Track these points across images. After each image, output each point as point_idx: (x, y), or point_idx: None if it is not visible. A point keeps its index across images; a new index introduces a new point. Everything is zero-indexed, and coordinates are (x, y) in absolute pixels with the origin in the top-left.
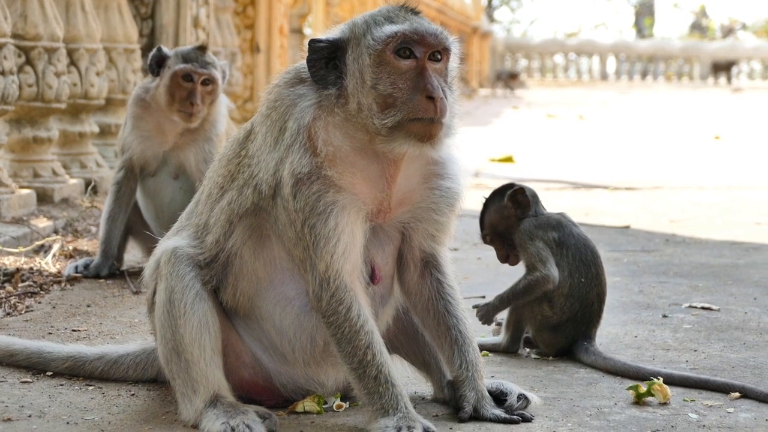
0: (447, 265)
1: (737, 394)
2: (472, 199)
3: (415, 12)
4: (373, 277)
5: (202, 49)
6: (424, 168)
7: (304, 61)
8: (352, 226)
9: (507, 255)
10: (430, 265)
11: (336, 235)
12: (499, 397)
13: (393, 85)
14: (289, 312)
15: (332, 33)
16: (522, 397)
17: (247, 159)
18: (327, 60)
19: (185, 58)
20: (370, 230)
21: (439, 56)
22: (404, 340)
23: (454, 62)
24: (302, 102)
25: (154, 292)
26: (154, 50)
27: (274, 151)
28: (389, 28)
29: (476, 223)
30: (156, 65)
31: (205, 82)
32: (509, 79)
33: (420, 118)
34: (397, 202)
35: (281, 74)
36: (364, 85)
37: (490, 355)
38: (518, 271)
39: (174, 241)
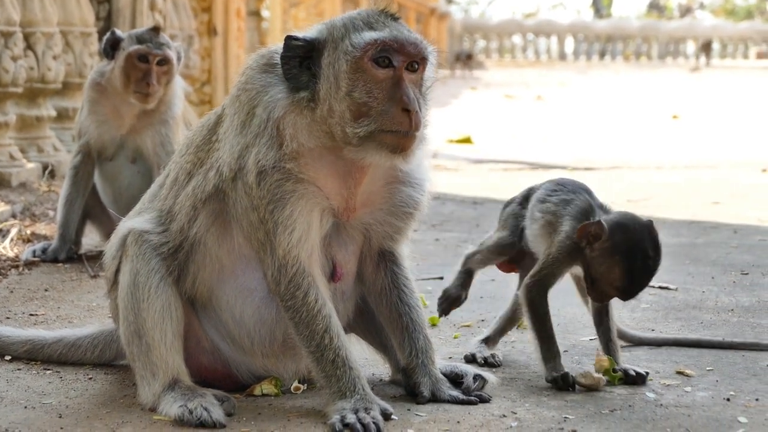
0: (403, 258)
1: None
2: (433, 181)
3: (394, 18)
4: (334, 275)
5: (155, 30)
6: (388, 172)
7: (278, 50)
8: (308, 215)
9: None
10: (387, 257)
11: (291, 223)
12: (455, 379)
13: (369, 93)
14: (249, 303)
15: (310, 31)
16: (478, 378)
17: (218, 143)
18: (302, 59)
19: (139, 39)
20: (333, 229)
21: (416, 66)
22: (361, 321)
23: (430, 72)
24: (273, 90)
25: (116, 271)
26: (108, 33)
27: (240, 135)
28: (369, 35)
29: (435, 205)
30: (110, 48)
31: (160, 63)
32: (466, 59)
33: (394, 130)
34: (361, 203)
35: (255, 56)
36: (339, 91)
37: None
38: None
39: (138, 222)
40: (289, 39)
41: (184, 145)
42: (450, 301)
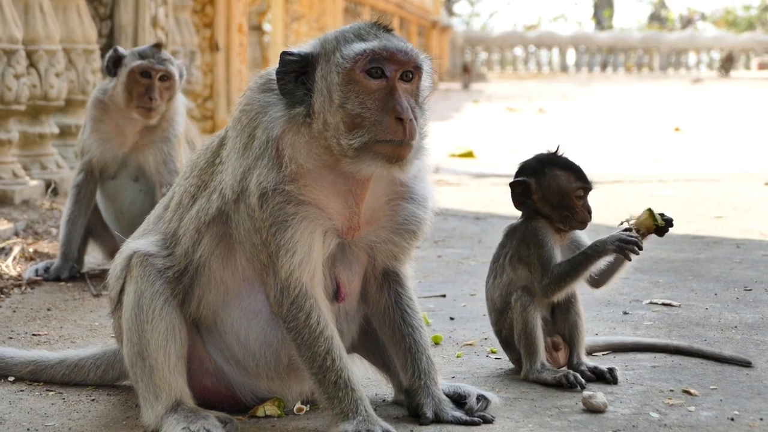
0: (407, 278)
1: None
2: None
3: (387, 29)
4: (338, 295)
5: (158, 46)
6: (390, 188)
7: (273, 68)
8: (309, 237)
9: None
10: (390, 278)
11: (293, 246)
12: (458, 399)
13: (362, 104)
14: (255, 326)
15: (304, 46)
16: (481, 398)
17: (221, 166)
18: (297, 74)
19: (142, 55)
20: (338, 249)
21: (410, 75)
22: (365, 341)
23: (426, 81)
24: (272, 111)
25: (120, 291)
26: (111, 51)
27: (242, 158)
28: (358, 46)
29: (437, 220)
30: (112, 65)
31: (162, 78)
32: (463, 71)
33: (388, 139)
34: (365, 221)
35: (255, 77)
36: (332, 104)
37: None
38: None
39: (143, 244)
40: (284, 54)
41: (189, 168)
42: None
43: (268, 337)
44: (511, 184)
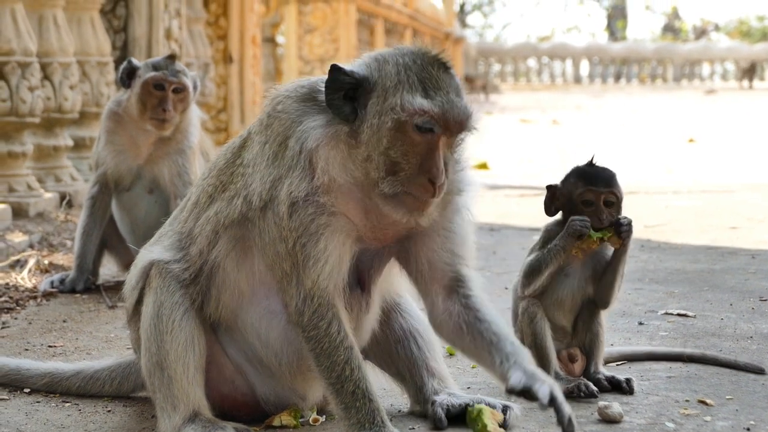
0: (474, 280)
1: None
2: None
3: (446, 68)
4: (361, 287)
5: (171, 58)
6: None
7: (321, 81)
8: (341, 248)
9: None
10: (455, 283)
11: (324, 257)
12: None
13: (404, 155)
14: (275, 325)
15: (359, 66)
16: (506, 409)
17: (242, 168)
18: (346, 91)
19: (155, 67)
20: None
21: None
22: (379, 350)
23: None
24: (309, 122)
25: (137, 301)
26: (125, 62)
27: (271, 166)
28: (420, 103)
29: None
30: (126, 77)
31: (176, 90)
32: (467, 82)
33: (416, 195)
34: (392, 236)
35: (294, 85)
36: (380, 145)
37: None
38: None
39: (159, 252)
40: (336, 71)
41: (208, 169)
42: None
43: (289, 335)
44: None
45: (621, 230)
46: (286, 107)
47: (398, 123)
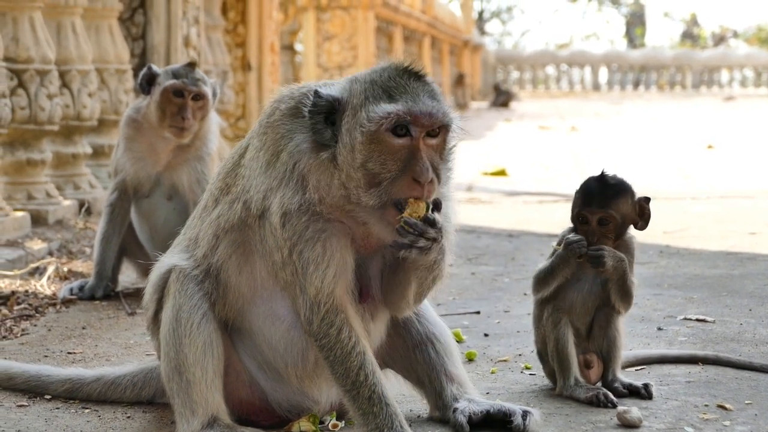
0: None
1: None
2: (465, 214)
3: (418, 76)
4: (361, 296)
5: (191, 65)
6: None
7: (308, 93)
8: (341, 251)
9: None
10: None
11: (325, 260)
12: (503, 419)
13: (383, 165)
14: (278, 328)
15: (335, 87)
16: (526, 415)
17: (242, 169)
18: (326, 114)
19: (175, 74)
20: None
21: (436, 131)
22: (397, 357)
23: (453, 136)
24: (297, 138)
25: (156, 311)
26: (144, 69)
27: (264, 175)
28: (384, 108)
29: (470, 238)
30: (146, 84)
31: (195, 98)
32: (495, 91)
33: (404, 197)
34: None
35: (285, 94)
36: (354, 161)
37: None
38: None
39: (177, 258)
40: (315, 95)
41: (216, 173)
42: None
43: (293, 338)
44: None
45: (590, 261)
46: (276, 119)
47: (369, 135)
